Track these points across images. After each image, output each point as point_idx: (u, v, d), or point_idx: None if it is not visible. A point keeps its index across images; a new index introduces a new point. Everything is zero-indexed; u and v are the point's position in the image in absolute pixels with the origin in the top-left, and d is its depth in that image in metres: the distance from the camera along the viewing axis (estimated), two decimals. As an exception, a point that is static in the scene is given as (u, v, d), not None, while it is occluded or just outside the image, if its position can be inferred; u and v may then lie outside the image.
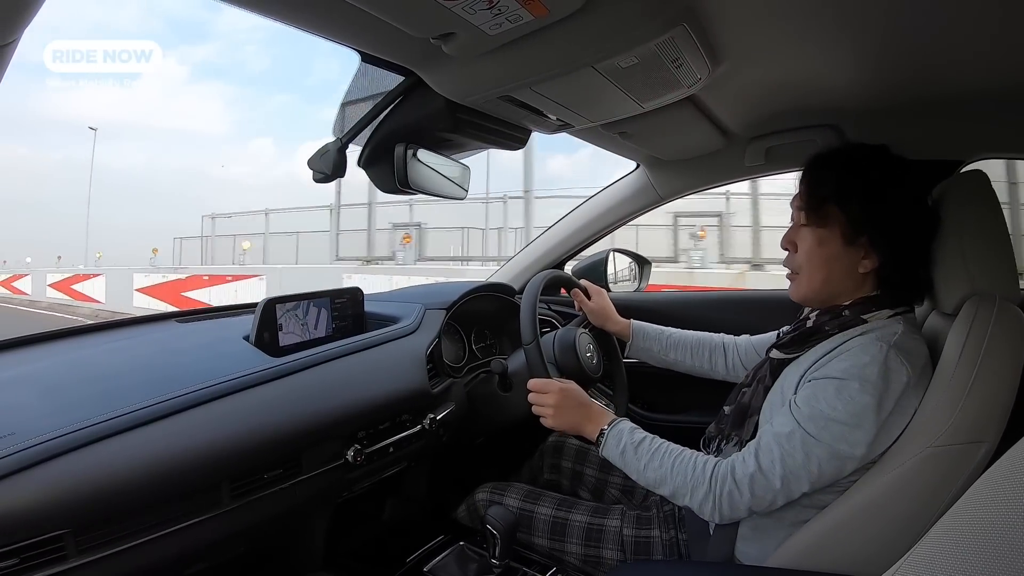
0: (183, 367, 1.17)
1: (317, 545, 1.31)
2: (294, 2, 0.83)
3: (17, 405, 0.97)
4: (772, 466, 1.00)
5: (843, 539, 0.99)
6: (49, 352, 1.28)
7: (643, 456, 1.12)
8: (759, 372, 1.19)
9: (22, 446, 0.85)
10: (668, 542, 1.25)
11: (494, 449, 1.95)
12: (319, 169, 1.18)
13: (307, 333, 1.43)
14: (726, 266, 11.55)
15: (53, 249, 19.78)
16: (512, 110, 1.21)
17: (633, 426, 1.18)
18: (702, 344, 1.54)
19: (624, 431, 1.16)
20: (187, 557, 1.00)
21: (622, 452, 1.14)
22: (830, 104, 1.43)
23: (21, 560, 0.80)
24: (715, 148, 1.74)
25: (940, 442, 0.91)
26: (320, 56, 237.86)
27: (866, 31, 1.04)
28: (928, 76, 1.24)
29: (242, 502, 1.05)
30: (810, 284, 1.11)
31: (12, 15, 0.58)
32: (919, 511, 0.92)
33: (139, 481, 0.91)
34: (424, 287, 1.96)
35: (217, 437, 1.03)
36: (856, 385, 0.95)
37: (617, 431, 1.16)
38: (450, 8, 0.78)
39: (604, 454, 1.17)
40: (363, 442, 1.28)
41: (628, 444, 1.14)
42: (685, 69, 1.07)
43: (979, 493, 0.47)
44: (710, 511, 1.04)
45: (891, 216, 1.02)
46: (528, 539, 1.37)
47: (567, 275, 1.72)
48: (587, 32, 0.91)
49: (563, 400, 1.24)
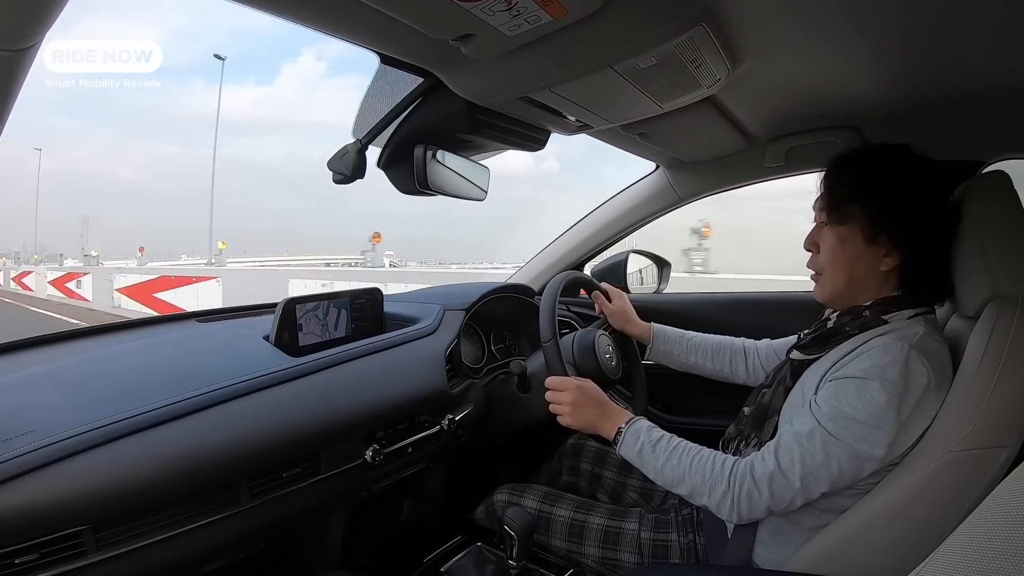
0: (203, 366, 1.18)
1: (334, 544, 1.32)
2: (314, 5, 0.83)
3: (39, 403, 0.99)
4: (792, 465, 0.99)
5: (862, 544, 0.98)
6: (70, 351, 1.29)
7: (661, 455, 1.11)
8: (779, 373, 1.18)
9: (43, 443, 0.86)
10: (686, 546, 1.24)
11: (513, 450, 1.95)
12: (339, 170, 1.18)
13: (327, 333, 1.43)
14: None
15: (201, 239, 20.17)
16: (531, 111, 1.21)
17: (651, 425, 1.17)
18: (723, 348, 1.54)
19: (642, 429, 1.16)
20: (205, 554, 1.01)
21: (640, 450, 1.13)
22: (850, 105, 1.41)
23: (41, 555, 0.81)
24: (735, 149, 1.73)
25: (961, 447, 0.90)
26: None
27: (885, 31, 1.02)
28: (948, 76, 1.22)
29: (260, 501, 1.06)
30: (833, 284, 1.10)
31: (34, 19, 0.59)
32: (939, 516, 0.90)
33: (158, 479, 0.93)
34: (444, 288, 1.97)
35: (236, 436, 1.04)
36: (877, 385, 0.94)
37: (635, 429, 1.16)
38: (468, 10, 0.78)
39: (621, 453, 1.17)
40: (382, 442, 1.29)
41: (646, 442, 1.13)
42: (704, 70, 1.07)
43: (1000, 498, 0.46)
44: (728, 510, 1.04)
45: (911, 214, 1.01)
46: (546, 541, 1.37)
47: (587, 276, 1.71)
48: (606, 33, 0.90)
49: (580, 398, 1.23)
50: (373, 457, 1.24)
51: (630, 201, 2.08)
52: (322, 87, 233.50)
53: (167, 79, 60.45)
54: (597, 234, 2.15)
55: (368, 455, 1.24)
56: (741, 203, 10.35)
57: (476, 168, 1.41)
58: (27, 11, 0.58)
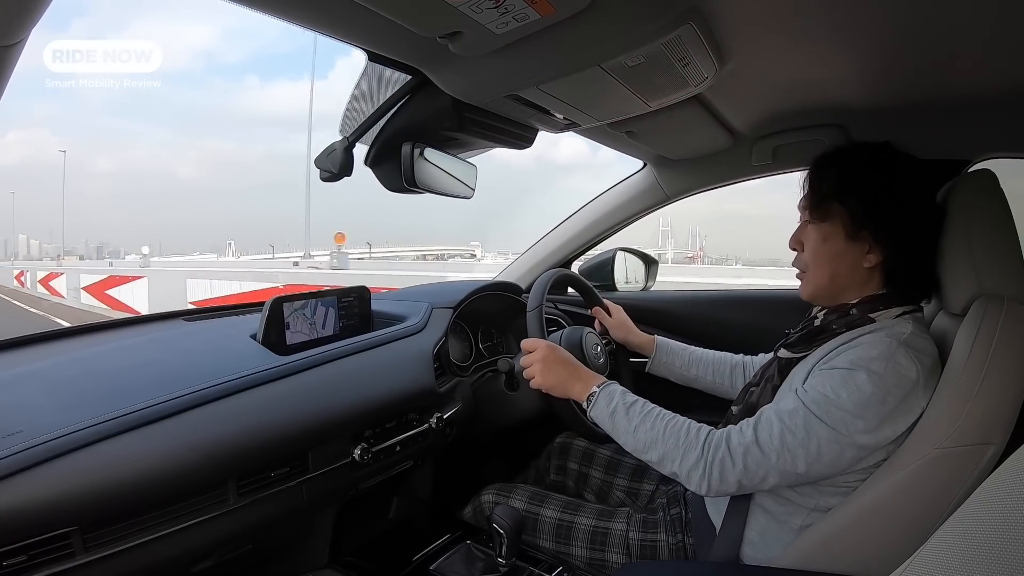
0: (190, 365, 1.17)
1: (323, 542, 1.32)
2: (301, 2, 0.83)
3: (25, 403, 0.98)
4: (770, 440, 0.98)
5: (850, 540, 0.98)
6: (57, 350, 1.28)
7: (635, 417, 1.10)
8: (767, 371, 1.19)
9: (30, 444, 0.85)
10: (674, 546, 1.25)
11: (500, 448, 1.96)
12: (326, 168, 1.18)
13: (314, 332, 1.43)
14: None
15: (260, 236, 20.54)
16: (519, 109, 1.21)
17: (625, 389, 1.17)
18: (723, 362, 1.54)
19: (616, 392, 1.15)
20: (193, 554, 1.01)
21: (612, 412, 1.13)
22: (837, 104, 1.42)
23: (29, 557, 0.80)
24: (722, 147, 1.74)
25: (947, 443, 0.91)
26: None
27: (871, 31, 1.03)
28: (934, 76, 1.23)
29: (249, 500, 1.06)
30: (817, 281, 1.10)
31: (19, 15, 0.58)
32: (926, 512, 0.91)
33: (146, 479, 0.92)
34: (431, 286, 1.97)
35: (224, 435, 1.03)
36: (863, 375, 0.94)
37: (609, 392, 1.16)
38: (456, 7, 0.78)
39: (593, 415, 1.16)
40: (370, 441, 1.28)
41: (620, 405, 1.13)
42: (692, 68, 1.07)
43: (986, 494, 0.47)
44: (699, 479, 1.02)
45: (891, 210, 1.02)
46: (533, 542, 1.37)
47: (574, 274, 1.72)
48: (594, 31, 0.90)
49: (550, 355, 1.23)
50: (361, 456, 1.24)
51: (617, 199, 2.09)
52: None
53: (222, 76, 59.28)
54: (584, 232, 2.15)
55: (356, 454, 1.24)
56: (761, 196, 10.24)
57: (464, 166, 1.41)
58: (13, 8, 0.57)
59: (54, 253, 48.62)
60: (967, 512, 0.47)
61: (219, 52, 43.47)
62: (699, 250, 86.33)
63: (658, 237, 65.28)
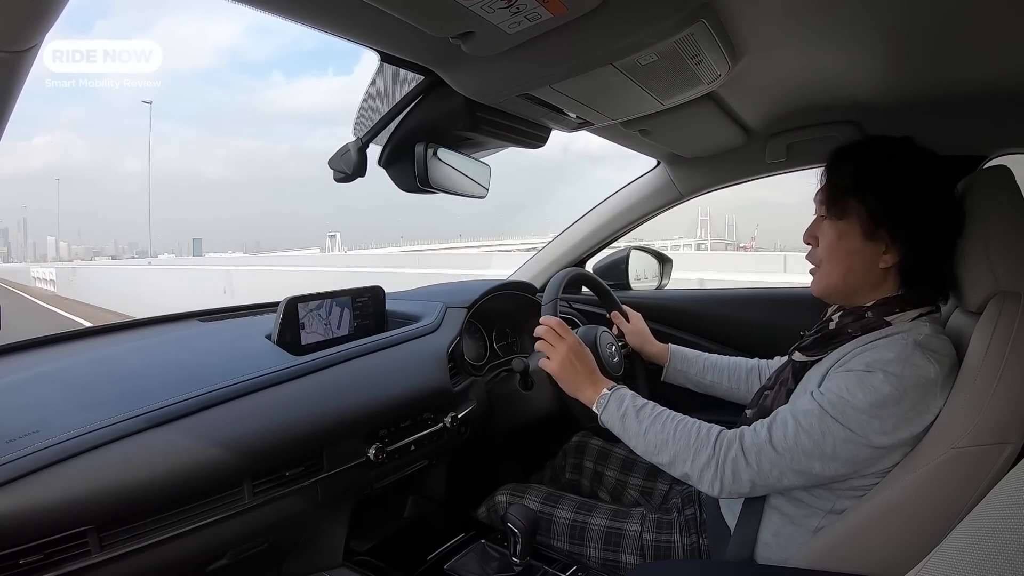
0: (205, 366, 1.18)
1: (338, 541, 1.32)
2: (314, 4, 0.83)
3: (42, 403, 0.99)
4: (784, 440, 0.98)
5: (865, 540, 0.97)
6: (73, 351, 1.30)
7: (645, 419, 1.10)
8: (782, 375, 1.17)
9: (46, 444, 0.86)
10: (689, 547, 1.24)
11: (515, 448, 1.95)
12: (339, 169, 1.18)
13: (329, 332, 1.44)
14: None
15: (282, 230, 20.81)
16: (532, 108, 1.21)
17: (635, 394, 1.17)
18: (739, 367, 1.53)
19: (627, 396, 1.15)
20: (208, 553, 1.02)
21: (623, 415, 1.13)
22: (851, 100, 1.41)
23: (45, 556, 0.81)
24: (736, 144, 1.73)
25: (964, 443, 0.90)
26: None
27: (885, 26, 1.02)
28: (949, 71, 1.22)
29: (264, 499, 1.07)
30: (830, 278, 1.09)
31: (32, 20, 0.58)
32: (942, 513, 0.90)
33: (162, 478, 0.93)
34: (446, 285, 1.97)
35: (239, 435, 1.04)
36: (880, 376, 0.93)
37: (620, 395, 1.16)
38: (469, 7, 0.78)
39: (604, 419, 1.16)
40: (384, 440, 1.29)
41: (630, 408, 1.13)
42: (705, 65, 1.06)
43: (1003, 495, 0.46)
44: (711, 479, 1.02)
45: (910, 209, 1.00)
46: (547, 542, 1.37)
47: (590, 273, 1.71)
48: (606, 30, 0.90)
49: (574, 350, 1.24)
50: (376, 455, 1.25)
51: (631, 198, 2.08)
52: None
53: (247, 74, 58.81)
54: (598, 231, 2.15)
55: (371, 453, 1.24)
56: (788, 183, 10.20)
57: (477, 165, 1.41)
58: (27, 12, 0.58)
59: (84, 254, 49.61)
60: (983, 512, 0.47)
61: (244, 50, 44.36)
62: (751, 240, 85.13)
63: (696, 227, 64.79)
